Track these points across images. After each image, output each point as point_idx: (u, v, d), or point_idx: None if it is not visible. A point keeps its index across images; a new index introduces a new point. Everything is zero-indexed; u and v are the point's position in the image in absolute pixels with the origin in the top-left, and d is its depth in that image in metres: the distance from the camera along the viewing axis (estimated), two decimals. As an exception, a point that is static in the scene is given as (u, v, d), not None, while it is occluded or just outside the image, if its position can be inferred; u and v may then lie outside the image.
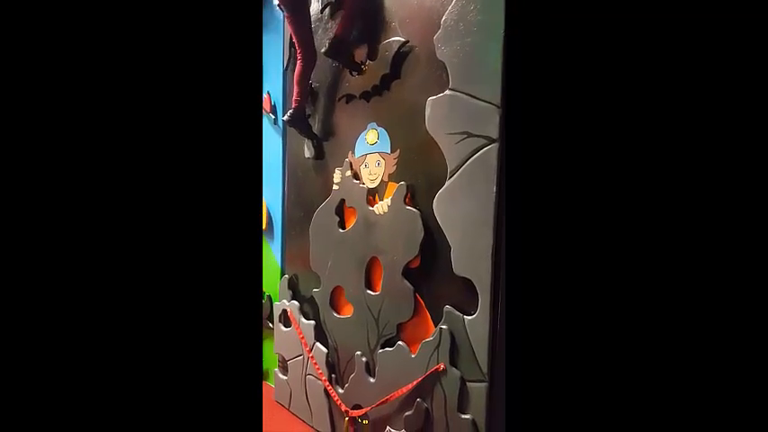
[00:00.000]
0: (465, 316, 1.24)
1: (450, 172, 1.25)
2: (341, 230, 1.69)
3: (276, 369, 2.07)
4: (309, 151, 1.84)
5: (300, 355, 1.89)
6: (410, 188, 1.42)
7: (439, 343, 1.30)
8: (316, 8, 1.78)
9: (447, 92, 1.26)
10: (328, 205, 1.75)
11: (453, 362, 1.28)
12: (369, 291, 1.58)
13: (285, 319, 2.00)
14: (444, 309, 1.30)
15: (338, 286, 1.72)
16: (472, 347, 1.22)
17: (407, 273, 1.43)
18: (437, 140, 1.29)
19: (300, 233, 1.92)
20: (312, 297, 1.84)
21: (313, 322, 1.83)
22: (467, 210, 1.21)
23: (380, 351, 1.52)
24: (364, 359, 1.59)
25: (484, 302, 1.19)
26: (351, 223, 1.66)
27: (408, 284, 1.42)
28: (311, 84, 1.80)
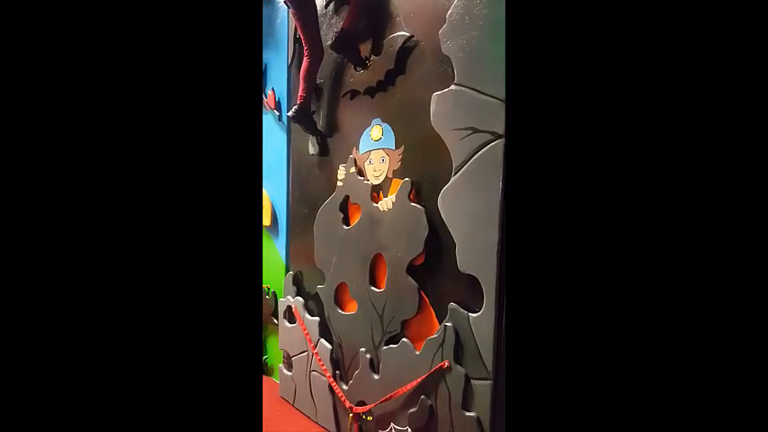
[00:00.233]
0: (470, 313, 1.23)
1: (455, 168, 1.24)
2: (345, 227, 1.69)
3: (281, 365, 2.08)
4: (314, 148, 1.84)
5: (305, 352, 1.89)
6: (415, 184, 1.41)
7: (443, 340, 1.29)
8: (320, 3, 1.77)
9: (452, 87, 1.25)
10: (332, 202, 1.75)
11: (458, 359, 1.27)
12: (373, 287, 1.57)
13: (290, 316, 2.00)
14: (449, 306, 1.29)
15: (342, 283, 1.72)
16: (477, 345, 1.22)
17: (412, 270, 1.42)
18: (442, 136, 1.28)
19: (305, 229, 1.92)
20: (317, 293, 1.84)
21: (317, 318, 1.83)
22: (472, 206, 1.20)
23: (385, 348, 1.51)
24: (368, 356, 1.59)
25: (489, 300, 1.18)
26: (355, 220, 1.65)
27: (413, 281, 1.41)
28: (316, 80, 1.79)
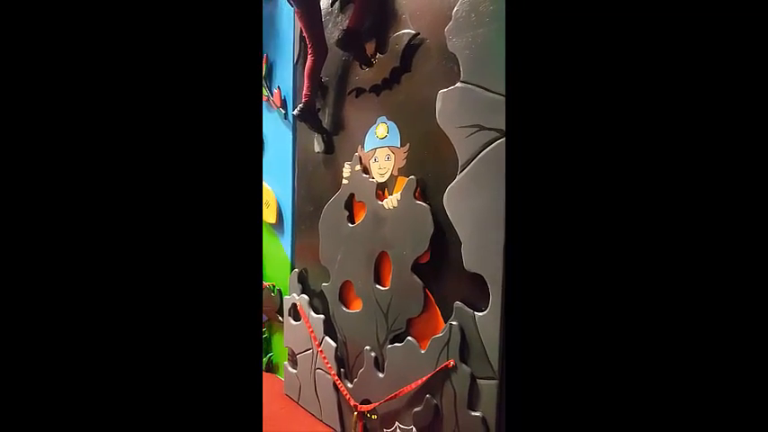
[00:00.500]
0: (476, 312, 1.23)
1: (461, 166, 1.24)
2: (350, 225, 1.69)
3: (286, 362, 2.08)
4: (319, 146, 1.84)
5: (310, 349, 1.90)
6: (420, 182, 1.41)
7: (449, 339, 1.29)
8: (326, 1, 1.77)
9: (458, 84, 1.24)
10: (338, 200, 1.75)
11: (463, 358, 1.26)
12: (378, 285, 1.57)
13: (295, 313, 2.00)
14: (454, 305, 1.28)
15: (347, 281, 1.72)
16: (483, 344, 1.21)
17: (417, 268, 1.42)
18: (448, 134, 1.27)
19: (310, 227, 1.92)
20: (321, 291, 1.85)
21: (322, 316, 1.83)
22: (478, 204, 1.19)
23: (389, 346, 1.51)
24: (373, 354, 1.59)
25: (495, 299, 1.17)
26: (360, 218, 1.65)
27: (418, 280, 1.41)
28: (321, 78, 1.79)
